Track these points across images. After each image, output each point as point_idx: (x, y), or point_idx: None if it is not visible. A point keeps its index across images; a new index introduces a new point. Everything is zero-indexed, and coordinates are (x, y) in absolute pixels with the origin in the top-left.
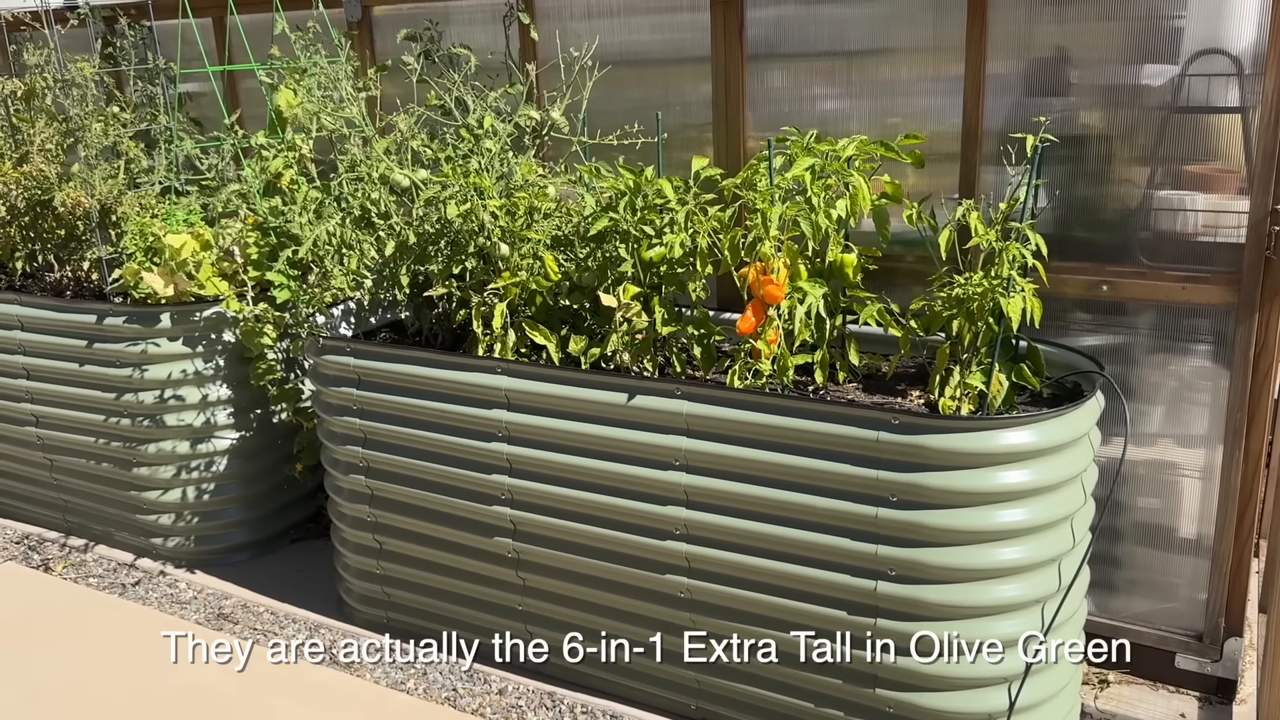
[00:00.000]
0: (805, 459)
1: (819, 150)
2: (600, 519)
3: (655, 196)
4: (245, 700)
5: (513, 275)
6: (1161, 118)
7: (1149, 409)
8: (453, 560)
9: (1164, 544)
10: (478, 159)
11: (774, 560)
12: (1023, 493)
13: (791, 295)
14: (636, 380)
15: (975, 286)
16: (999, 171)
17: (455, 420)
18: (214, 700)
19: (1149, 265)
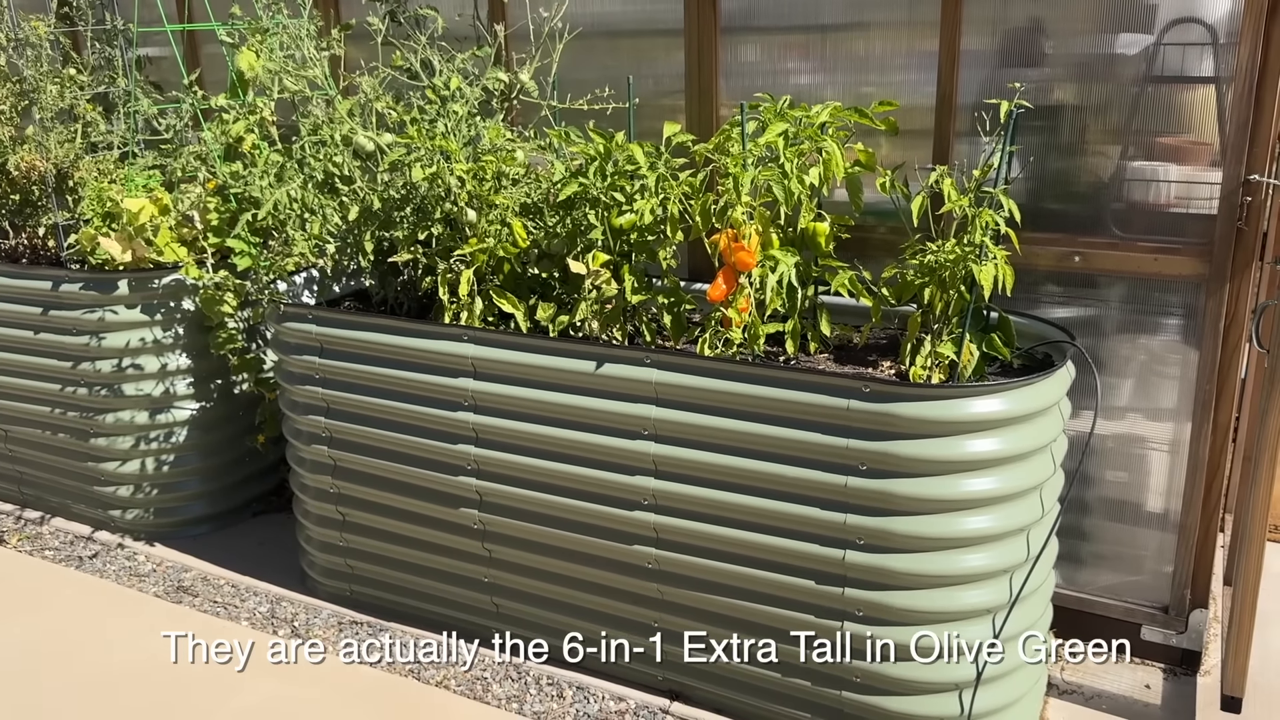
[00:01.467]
0: (775, 428)
1: (792, 116)
2: (567, 489)
3: (626, 162)
4: (203, 675)
5: (480, 242)
6: (1136, 88)
7: (1119, 382)
8: (417, 532)
9: (1131, 517)
10: (444, 122)
11: (743, 530)
12: (992, 461)
13: (763, 263)
14: (605, 348)
15: (948, 254)
16: (973, 143)
17: (421, 389)
18: (171, 674)
19: (1121, 236)
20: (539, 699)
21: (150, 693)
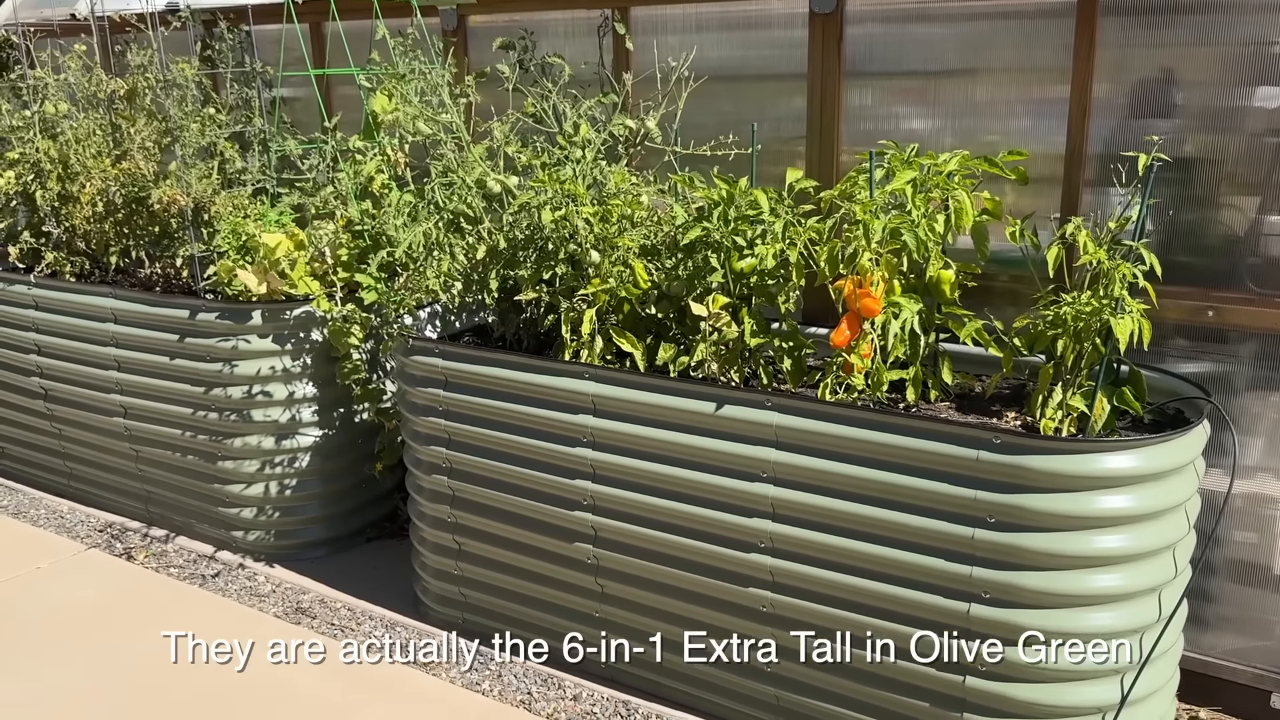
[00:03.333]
0: (900, 476)
1: (919, 164)
2: (683, 528)
3: (748, 207)
4: (323, 694)
5: (603, 282)
6: (1273, 141)
7: (1249, 440)
8: (531, 564)
9: (1261, 580)
10: (571, 166)
11: (864, 579)
12: (1124, 519)
13: (886, 309)
14: (725, 390)
15: (1084, 305)
16: (1101, 193)
17: (540, 424)
18: (292, 693)
19: (1257, 292)
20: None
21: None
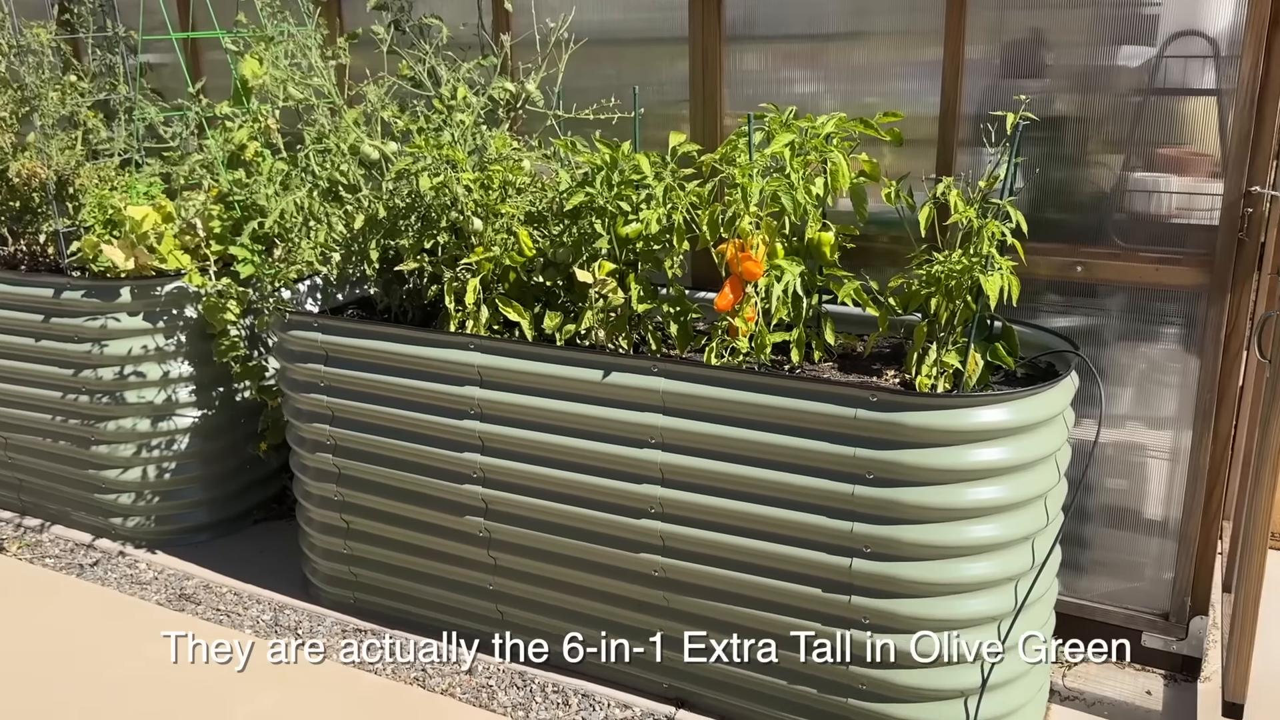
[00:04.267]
0: (783, 436)
1: (798, 127)
2: (574, 497)
3: (632, 172)
4: (207, 682)
5: (486, 250)
6: (1138, 100)
7: (1119, 391)
8: (422, 540)
9: (1132, 525)
10: (450, 131)
11: (749, 538)
12: (997, 470)
13: (769, 273)
14: (612, 357)
15: (955, 264)
16: (975, 154)
17: (426, 397)
18: (174, 681)
19: (1123, 247)
20: (544, 706)
21: (153, 700)
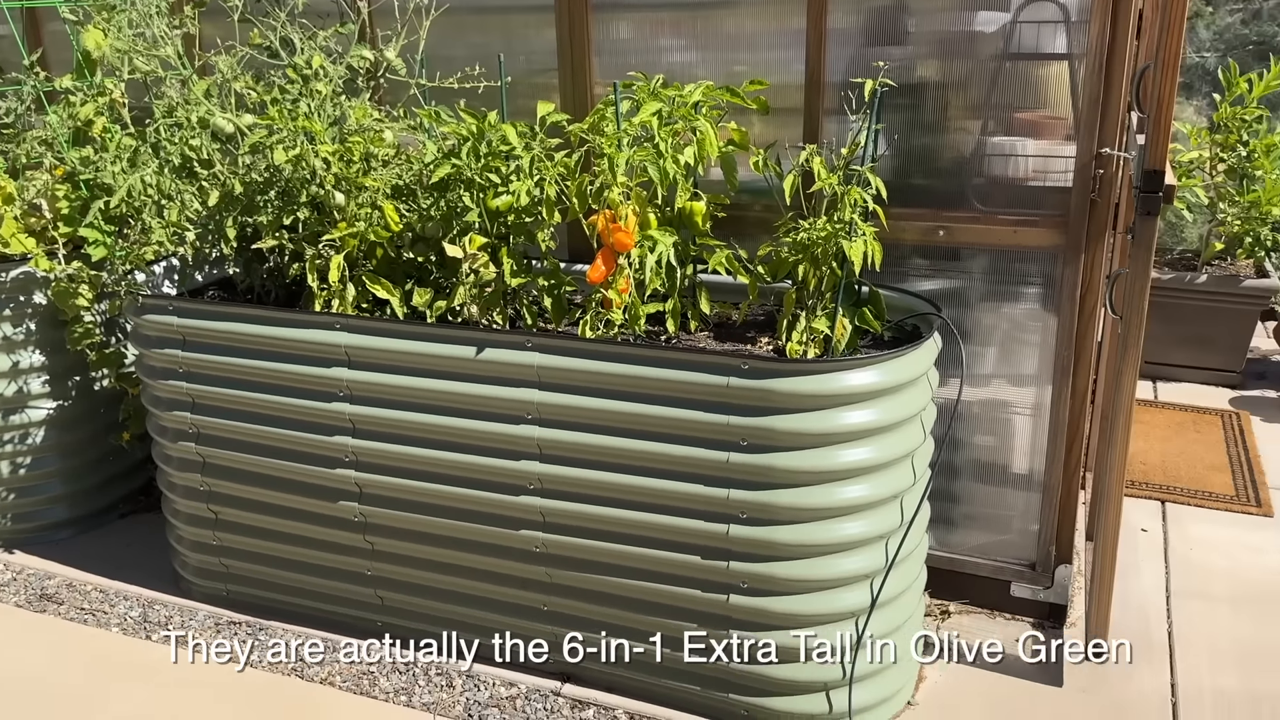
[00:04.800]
0: (658, 407)
1: (666, 95)
2: (451, 477)
3: (500, 143)
4: (71, 683)
5: (349, 226)
6: (994, 65)
7: (983, 350)
8: (295, 528)
9: (998, 479)
10: (307, 102)
11: (629, 510)
12: (866, 432)
13: (642, 244)
14: (486, 333)
15: (819, 231)
16: (842, 122)
17: (292, 380)
18: (36, 685)
19: (983, 210)
20: (428, 690)
21: (14, 706)
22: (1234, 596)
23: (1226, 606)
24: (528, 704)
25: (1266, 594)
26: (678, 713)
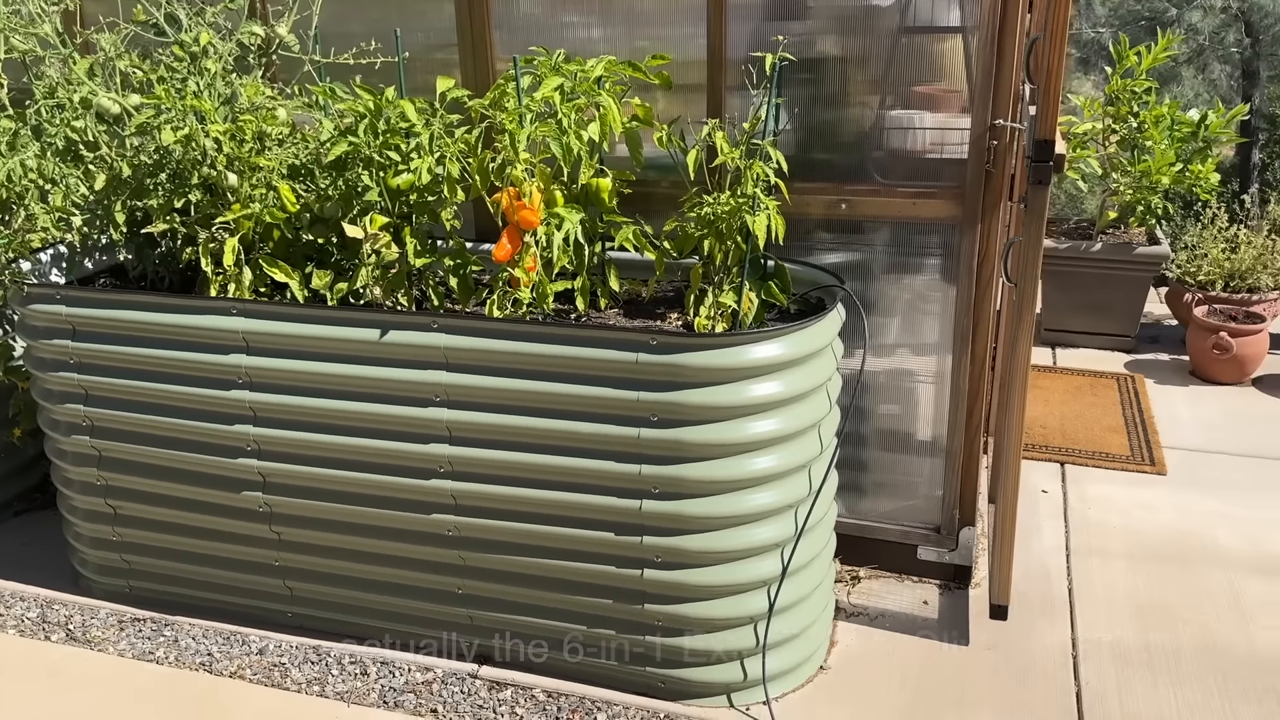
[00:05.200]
0: (567, 385)
1: (568, 70)
2: (358, 463)
3: (399, 119)
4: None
5: (244, 207)
6: (891, 39)
7: (888, 320)
8: (198, 520)
9: (904, 446)
10: (196, 80)
11: (542, 489)
12: (774, 403)
13: (548, 221)
14: (389, 315)
15: (723, 206)
16: (746, 97)
17: (188, 368)
18: None
19: (883, 183)
20: (341, 679)
21: None
22: (1129, 552)
23: (1122, 562)
24: (444, 688)
25: (1160, 549)
26: (596, 688)
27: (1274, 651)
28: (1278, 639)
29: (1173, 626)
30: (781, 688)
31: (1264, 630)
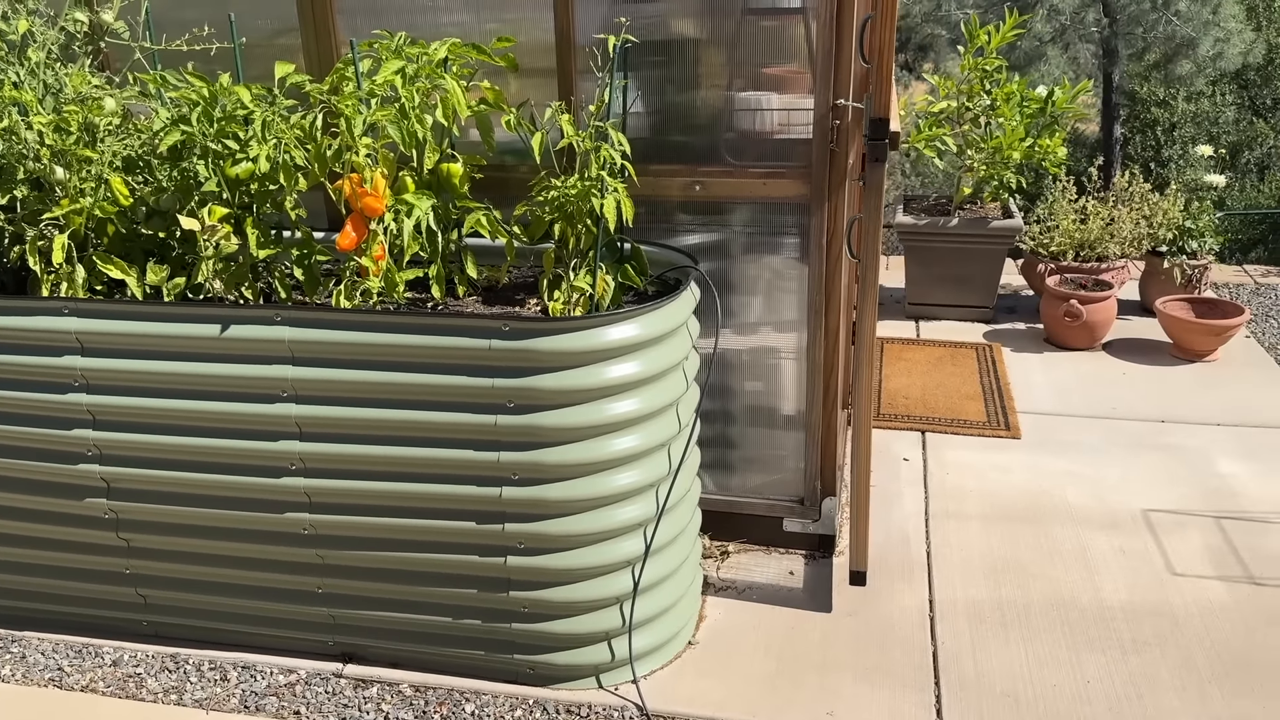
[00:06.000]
0: (420, 375)
1: (410, 53)
2: (206, 464)
3: (235, 107)
4: None
5: (74, 202)
6: (736, 21)
7: (747, 299)
8: (39, 530)
9: (767, 421)
10: (16, 70)
11: (399, 482)
12: (630, 384)
13: (397, 209)
14: (231, 309)
15: (571, 189)
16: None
17: (19, 372)
18: None
19: (734, 164)
20: (200, 686)
21: None
22: (984, 514)
23: (978, 523)
24: (308, 689)
25: (1012, 510)
26: (463, 679)
27: (1116, 601)
28: (1120, 589)
29: (1024, 583)
30: (650, 665)
31: (1108, 581)
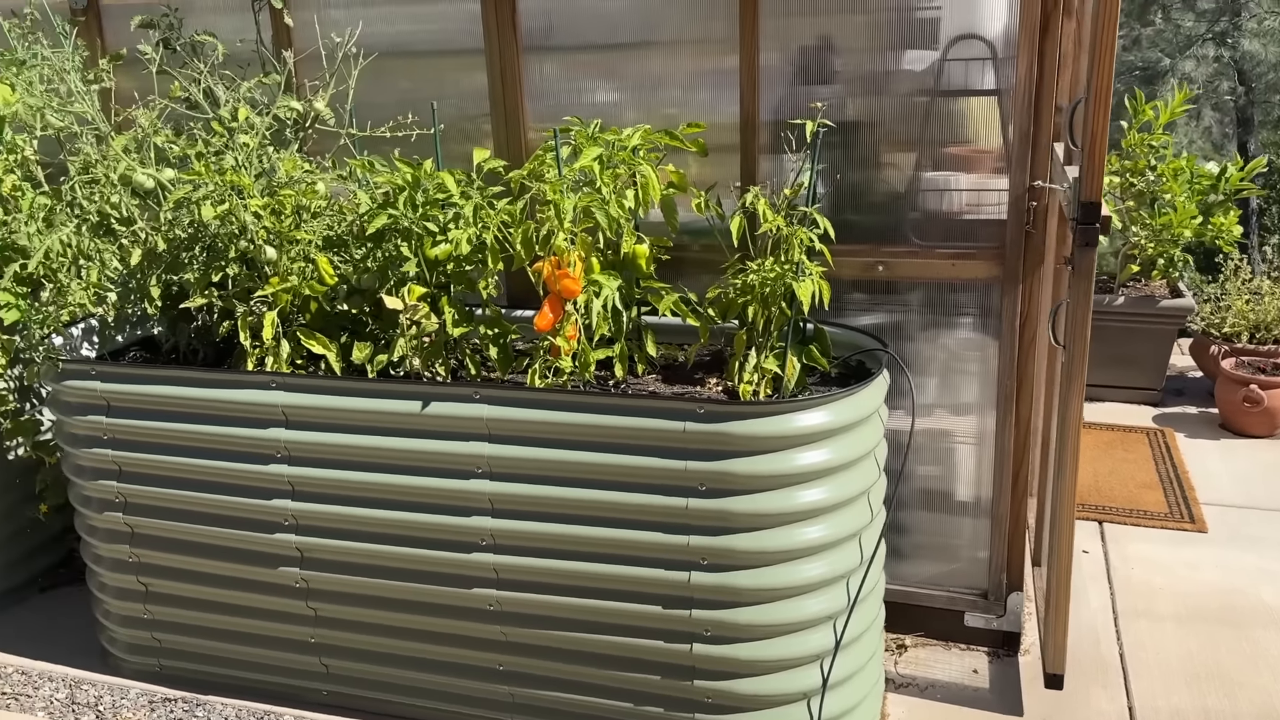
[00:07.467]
0: (614, 455)
1: (604, 140)
2: (398, 537)
3: (436, 191)
4: None
5: (283, 280)
6: (924, 102)
7: (925, 381)
8: (232, 596)
9: (946, 508)
10: (233, 155)
11: (588, 562)
12: (822, 472)
13: (587, 288)
14: (430, 386)
15: (768, 272)
16: (776, 160)
17: (226, 443)
18: None
19: (920, 244)
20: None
21: None
22: (1178, 614)
23: (1172, 624)
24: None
25: (1207, 610)
26: None
27: None
28: None
29: (1230, 692)
30: None
31: None
